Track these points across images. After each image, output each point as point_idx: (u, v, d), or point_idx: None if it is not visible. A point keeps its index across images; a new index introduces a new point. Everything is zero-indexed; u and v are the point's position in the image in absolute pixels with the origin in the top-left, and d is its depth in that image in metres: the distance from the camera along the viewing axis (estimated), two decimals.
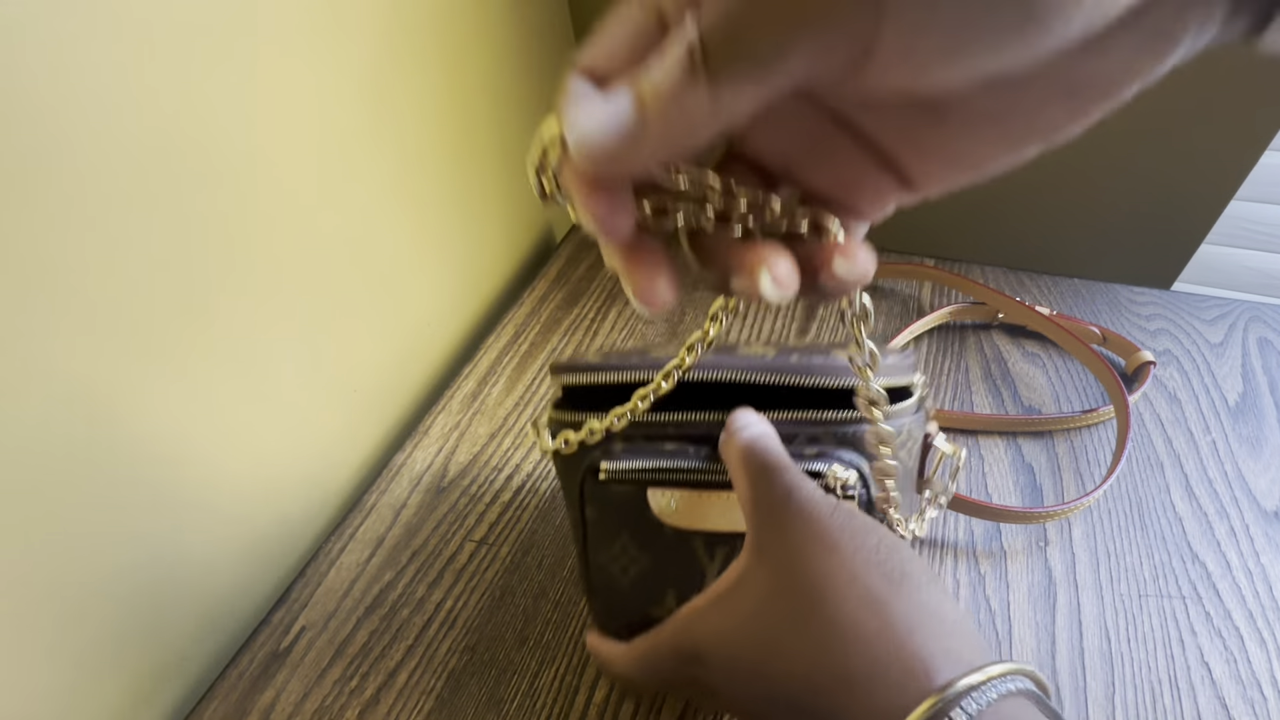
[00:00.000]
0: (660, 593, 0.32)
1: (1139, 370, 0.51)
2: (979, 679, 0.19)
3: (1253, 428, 0.48)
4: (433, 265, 0.56)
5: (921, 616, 0.22)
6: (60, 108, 0.29)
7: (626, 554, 0.32)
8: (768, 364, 0.31)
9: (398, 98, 0.49)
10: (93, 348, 0.33)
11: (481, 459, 0.50)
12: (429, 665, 0.40)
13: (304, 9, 0.41)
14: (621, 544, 0.32)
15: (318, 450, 0.48)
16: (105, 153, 0.31)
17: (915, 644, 0.21)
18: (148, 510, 0.37)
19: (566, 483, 0.34)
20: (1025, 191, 0.67)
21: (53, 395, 0.31)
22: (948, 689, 0.19)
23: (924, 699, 0.19)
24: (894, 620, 0.21)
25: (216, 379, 0.39)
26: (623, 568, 0.33)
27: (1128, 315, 0.57)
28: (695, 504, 0.30)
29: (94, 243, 0.32)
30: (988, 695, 0.19)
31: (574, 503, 0.33)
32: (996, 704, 0.19)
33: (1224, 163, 0.59)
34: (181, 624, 0.40)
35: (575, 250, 0.68)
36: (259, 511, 0.44)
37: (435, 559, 0.45)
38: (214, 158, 0.37)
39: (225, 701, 0.39)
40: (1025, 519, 0.42)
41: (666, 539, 0.31)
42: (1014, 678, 0.20)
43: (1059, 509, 0.42)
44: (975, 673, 0.20)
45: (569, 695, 0.38)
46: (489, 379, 0.56)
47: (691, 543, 0.31)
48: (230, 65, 0.37)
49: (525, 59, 0.63)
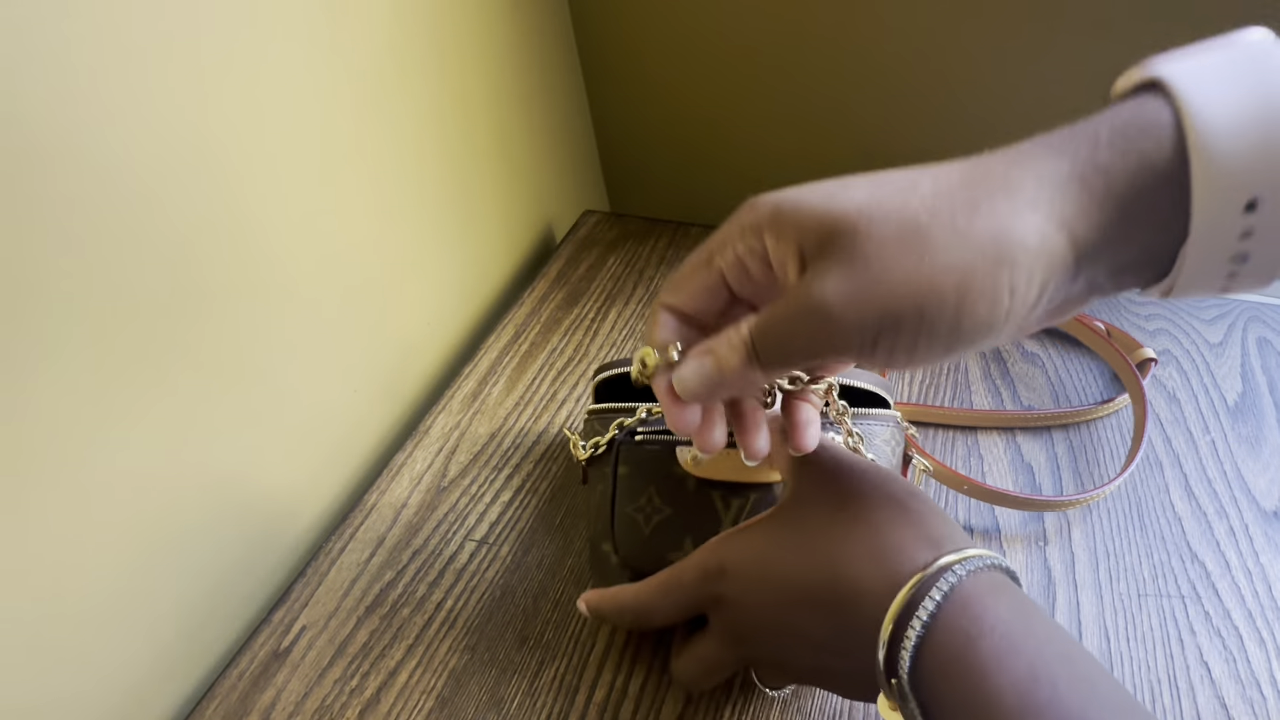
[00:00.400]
0: (679, 539, 0.36)
1: (1140, 366, 0.51)
2: (971, 554, 0.26)
3: (1252, 427, 0.48)
4: (433, 265, 0.56)
5: (933, 516, 0.28)
6: (59, 108, 0.30)
7: (651, 504, 0.37)
8: None
9: (397, 98, 0.49)
10: (95, 345, 0.33)
11: (482, 459, 0.51)
12: (429, 665, 0.40)
13: (304, 9, 0.41)
14: (648, 496, 0.37)
15: (318, 449, 0.48)
16: (105, 153, 0.32)
17: (927, 528, 0.27)
18: (147, 511, 0.37)
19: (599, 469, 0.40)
20: None
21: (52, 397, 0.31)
22: (942, 557, 0.26)
23: (926, 564, 0.26)
24: (910, 514, 0.28)
25: (217, 379, 0.39)
26: (647, 516, 0.37)
27: (1127, 315, 0.57)
28: (716, 459, 0.36)
29: (95, 243, 0.32)
30: (976, 564, 0.25)
31: (608, 462, 0.39)
32: (981, 572, 0.25)
33: None
34: (179, 627, 0.40)
35: (575, 250, 0.68)
36: (260, 510, 0.44)
37: (436, 558, 0.45)
38: (215, 158, 0.37)
39: (226, 701, 0.39)
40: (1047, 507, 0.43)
41: (688, 491, 0.37)
42: (992, 558, 0.26)
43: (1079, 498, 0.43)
44: (968, 549, 0.26)
45: (569, 695, 0.38)
46: (489, 379, 0.56)
47: (710, 494, 0.36)
48: (230, 66, 0.37)
49: (525, 59, 0.63)
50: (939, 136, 0.66)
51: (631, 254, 0.67)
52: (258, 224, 0.40)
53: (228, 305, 0.39)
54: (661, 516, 0.37)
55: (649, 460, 0.37)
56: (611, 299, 0.62)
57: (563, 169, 0.74)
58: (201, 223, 0.37)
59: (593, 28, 0.70)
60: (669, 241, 0.68)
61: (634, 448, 0.38)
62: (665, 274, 0.64)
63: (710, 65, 0.69)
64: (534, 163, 0.68)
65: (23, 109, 0.28)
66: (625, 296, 0.62)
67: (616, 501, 0.38)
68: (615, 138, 0.79)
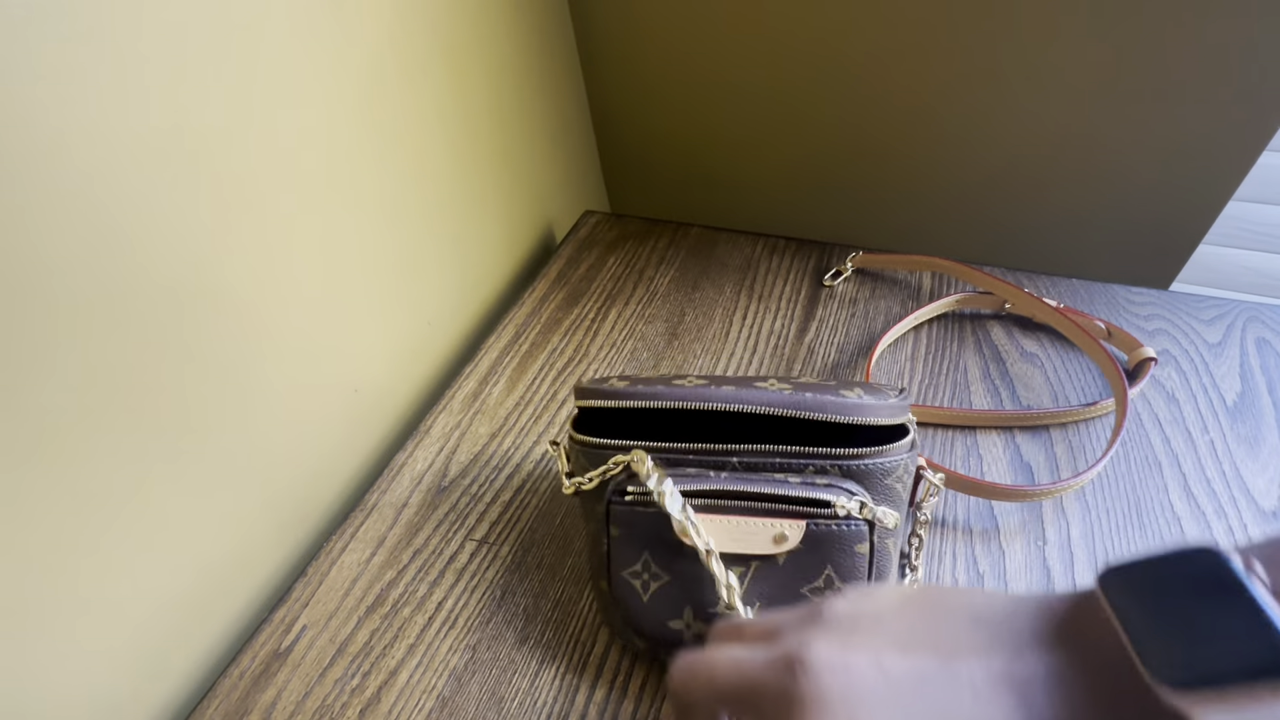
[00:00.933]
0: (679, 608, 0.35)
1: (1140, 365, 0.52)
2: None
3: (1251, 427, 0.48)
4: (433, 265, 0.56)
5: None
6: (57, 108, 0.30)
7: (648, 570, 0.35)
8: (784, 399, 0.34)
9: (398, 98, 0.49)
10: (94, 343, 0.33)
11: (482, 458, 0.51)
12: (430, 664, 0.40)
13: (305, 9, 0.41)
14: (644, 562, 0.35)
15: (319, 449, 0.48)
16: (105, 154, 0.32)
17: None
18: (146, 510, 0.37)
19: (589, 506, 0.37)
20: (1025, 192, 0.67)
21: (49, 398, 0.31)
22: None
23: None
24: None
25: (216, 378, 0.39)
26: (645, 584, 0.35)
27: (1126, 315, 0.57)
28: (714, 527, 0.33)
29: (96, 241, 0.32)
30: None
31: (599, 522, 0.36)
32: None
33: (1222, 163, 0.59)
34: (177, 628, 0.40)
35: (575, 251, 0.68)
36: (260, 510, 0.44)
37: (436, 558, 0.45)
38: (215, 158, 0.37)
39: (227, 700, 0.39)
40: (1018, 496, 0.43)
41: (686, 558, 0.34)
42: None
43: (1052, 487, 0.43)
44: None
45: (569, 694, 0.38)
46: (490, 379, 0.56)
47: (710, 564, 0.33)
48: (231, 67, 0.37)
49: (526, 59, 0.63)
50: (936, 139, 0.66)
51: (631, 254, 0.67)
52: (258, 224, 0.40)
53: (227, 304, 0.39)
54: (660, 584, 0.35)
55: (643, 524, 0.35)
56: (611, 299, 0.62)
57: (563, 169, 0.74)
58: (202, 223, 0.37)
59: (593, 28, 0.70)
60: (669, 242, 0.68)
61: (626, 510, 0.35)
62: (665, 274, 0.64)
63: (710, 66, 0.69)
64: (534, 163, 0.68)
65: (21, 107, 0.28)
66: (625, 297, 0.62)
67: (612, 563, 0.36)
68: (615, 138, 0.79)
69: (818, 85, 0.66)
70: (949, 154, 0.67)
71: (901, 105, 0.65)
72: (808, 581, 0.34)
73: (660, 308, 0.61)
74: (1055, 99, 0.60)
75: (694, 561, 0.34)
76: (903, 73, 0.63)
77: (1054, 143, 0.63)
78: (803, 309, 0.60)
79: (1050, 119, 0.62)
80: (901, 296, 0.60)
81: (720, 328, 0.59)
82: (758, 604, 0.34)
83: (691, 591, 0.34)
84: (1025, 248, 0.72)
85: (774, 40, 0.65)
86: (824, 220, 0.77)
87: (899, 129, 0.67)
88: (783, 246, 0.66)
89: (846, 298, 0.61)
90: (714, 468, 0.35)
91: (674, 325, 0.59)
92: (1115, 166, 0.63)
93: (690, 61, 0.69)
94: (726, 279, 0.63)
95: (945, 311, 0.58)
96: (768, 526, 0.33)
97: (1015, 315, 0.58)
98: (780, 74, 0.67)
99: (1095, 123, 0.61)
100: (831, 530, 0.33)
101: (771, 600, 0.34)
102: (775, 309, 0.60)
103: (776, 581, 0.34)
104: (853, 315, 0.59)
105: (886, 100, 0.65)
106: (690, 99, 0.72)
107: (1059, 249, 0.70)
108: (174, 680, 0.40)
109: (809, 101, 0.68)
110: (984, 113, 0.63)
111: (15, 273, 0.29)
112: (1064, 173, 0.65)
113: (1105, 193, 0.65)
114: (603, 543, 0.36)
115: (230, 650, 0.44)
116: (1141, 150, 0.61)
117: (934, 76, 0.62)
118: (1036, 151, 0.64)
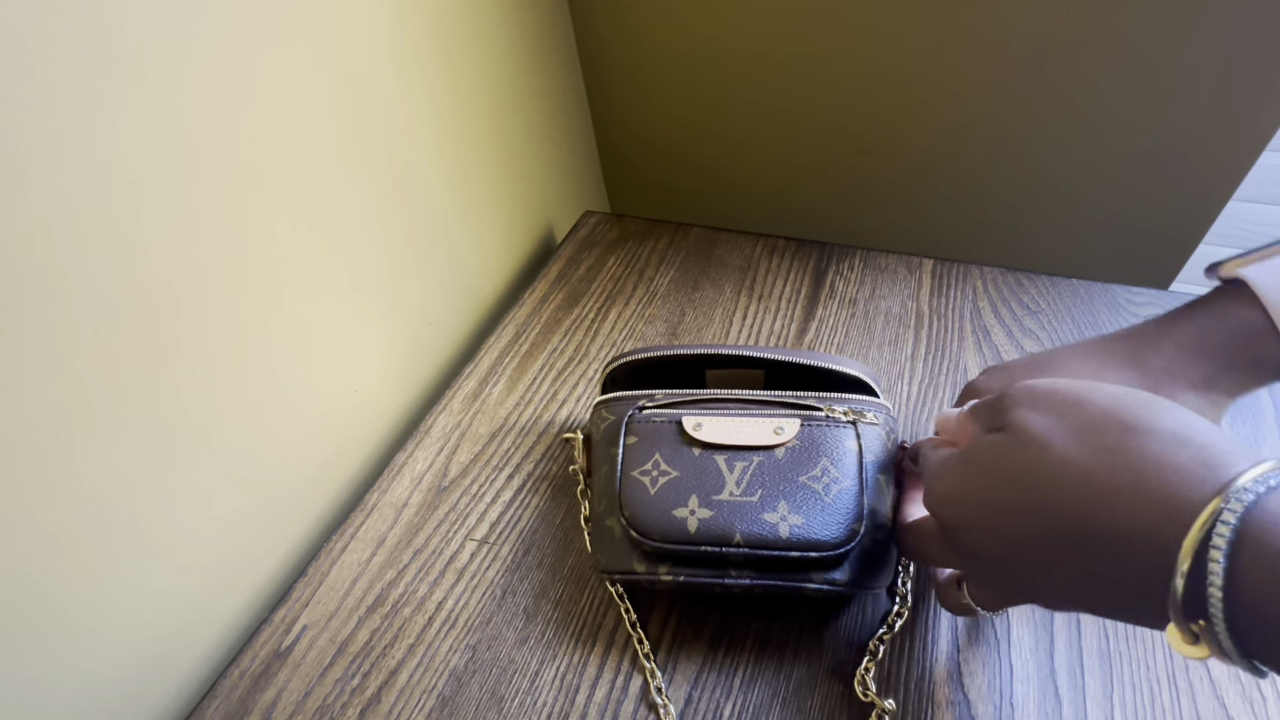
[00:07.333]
0: (684, 497, 0.38)
1: None
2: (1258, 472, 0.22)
3: (1250, 428, 0.48)
4: (434, 265, 0.56)
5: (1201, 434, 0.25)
6: (55, 108, 0.30)
7: (658, 468, 0.39)
8: (779, 350, 0.43)
9: (399, 98, 0.49)
10: (92, 340, 0.33)
11: (483, 458, 0.51)
12: (430, 664, 0.40)
13: (306, 9, 0.41)
14: (654, 461, 0.39)
15: (320, 449, 0.48)
16: (105, 154, 0.32)
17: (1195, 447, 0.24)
18: (144, 511, 0.37)
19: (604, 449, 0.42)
20: (1025, 192, 0.67)
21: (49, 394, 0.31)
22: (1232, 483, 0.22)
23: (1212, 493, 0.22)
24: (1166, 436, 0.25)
25: (217, 378, 0.39)
26: (653, 480, 0.39)
27: (1126, 315, 0.57)
28: (720, 426, 0.39)
29: (96, 242, 0.32)
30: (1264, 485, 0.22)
31: (614, 435, 0.41)
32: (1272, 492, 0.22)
33: (1222, 163, 0.60)
34: (178, 627, 0.40)
35: (575, 251, 0.68)
36: (260, 510, 0.44)
37: (437, 558, 0.45)
38: (215, 159, 0.37)
39: (227, 700, 0.39)
40: None
41: (694, 456, 0.39)
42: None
43: None
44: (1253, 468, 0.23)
45: (570, 694, 0.38)
46: (490, 379, 0.56)
47: (714, 458, 0.39)
48: (231, 67, 0.37)
49: (526, 60, 0.63)
50: (935, 140, 0.66)
51: (631, 254, 0.67)
52: (258, 225, 0.40)
53: (228, 305, 0.39)
54: (667, 478, 0.39)
55: (656, 430, 0.40)
56: (611, 299, 0.62)
57: (563, 169, 0.74)
58: (201, 222, 0.37)
59: (593, 29, 0.70)
60: (669, 242, 0.68)
61: (642, 421, 0.41)
62: (665, 274, 0.64)
63: (710, 66, 0.69)
64: (534, 163, 0.68)
65: (19, 106, 0.28)
66: (625, 297, 0.62)
67: (623, 467, 0.40)
68: (615, 138, 0.79)
69: (817, 86, 0.67)
70: (949, 155, 0.67)
71: (901, 106, 0.65)
72: (805, 472, 0.38)
73: (660, 308, 0.61)
74: (1055, 99, 0.60)
75: (701, 457, 0.39)
76: (902, 73, 0.63)
77: (1054, 143, 0.63)
78: (802, 309, 0.60)
79: (1050, 120, 0.62)
80: (901, 296, 0.60)
81: (720, 328, 0.59)
82: (759, 492, 0.37)
83: (700, 480, 0.38)
84: (1025, 248, 0.72)
85: (774, 41, 0.65)
86: (824, 220, 0.77)
87: (898, 129, 0.67)
88: (783, 246, 0.66)
89: (846, 298, 0.61)
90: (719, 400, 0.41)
91: (674, 325, 0.59)
92: (1115, 166, 0.63)
93: (690, 62, 0.69)
94: (726, 279, 0.63)
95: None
96: (768, 423, 0.39)
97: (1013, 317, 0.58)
98: (780, 75, 0.67)
99: (1095, 123, 0.61)
100: (823, 429, 0.39)
101: (773, 489, 0.38)
102: (775, 309, 0.60)
103: (778, 474, 0.38)
104: (852, 315, 0.59)
105: (886, 101, 0.65)
106: (690, 99, 0.72)
107: (1059, 249, 0.70)
108: (174, 680, 0.40)
109: (808, 102, 0.68)
110: (983, 114, 0.63)
111: (15, 273, 0.29)
112: (1064, 173, 0.65)
113: (1105, 193, 0.65)
114: (617, 463, 0.40)
115: (230, 650, 0.44)
116: (1141, 150, 0.61)
117: (933, 78, 0.62)
118: (1037, 152, 0.64)
